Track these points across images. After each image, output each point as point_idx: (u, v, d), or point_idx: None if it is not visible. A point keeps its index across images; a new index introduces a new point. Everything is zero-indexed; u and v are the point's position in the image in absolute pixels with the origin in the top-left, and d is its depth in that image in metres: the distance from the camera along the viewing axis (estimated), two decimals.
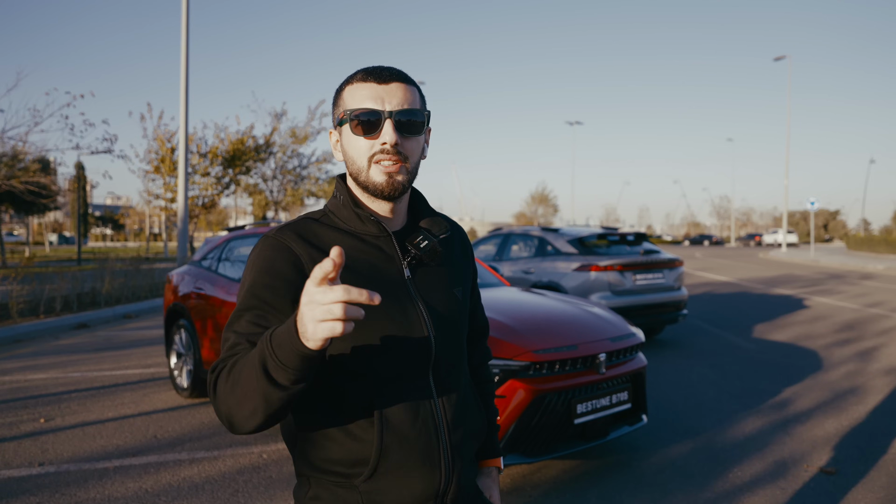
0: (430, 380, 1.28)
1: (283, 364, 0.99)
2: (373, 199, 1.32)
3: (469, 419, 1.37)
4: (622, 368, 3.92)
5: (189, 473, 3.94)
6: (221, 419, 1.12)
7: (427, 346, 1.27)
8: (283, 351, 0.99)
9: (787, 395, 5.74)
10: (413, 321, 1.27)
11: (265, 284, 1.20)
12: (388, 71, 1.28)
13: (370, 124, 1.25)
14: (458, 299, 1.38)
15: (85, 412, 5.20)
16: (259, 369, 1.01)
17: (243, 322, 1.18)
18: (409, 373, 1.26)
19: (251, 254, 1.28)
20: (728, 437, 4.62)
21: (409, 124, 1.27)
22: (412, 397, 1.26)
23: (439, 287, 1.35)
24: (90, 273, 13.84)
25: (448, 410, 1.30)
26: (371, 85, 1.26)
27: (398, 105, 1.25)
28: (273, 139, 23.54)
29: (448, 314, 1.34)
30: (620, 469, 4.03)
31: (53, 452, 4.28)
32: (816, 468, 4.04)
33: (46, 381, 6.24)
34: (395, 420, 1.23)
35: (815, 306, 12.45)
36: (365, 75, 1.27)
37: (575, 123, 65.81)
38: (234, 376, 1.08)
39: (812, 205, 33.10)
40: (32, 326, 9.21)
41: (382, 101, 1.24)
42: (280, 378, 1.01)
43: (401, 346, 1.25)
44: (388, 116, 1.24)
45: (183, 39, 14.16)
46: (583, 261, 8.04)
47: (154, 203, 23.29)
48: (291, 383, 1.02)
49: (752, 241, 71.87)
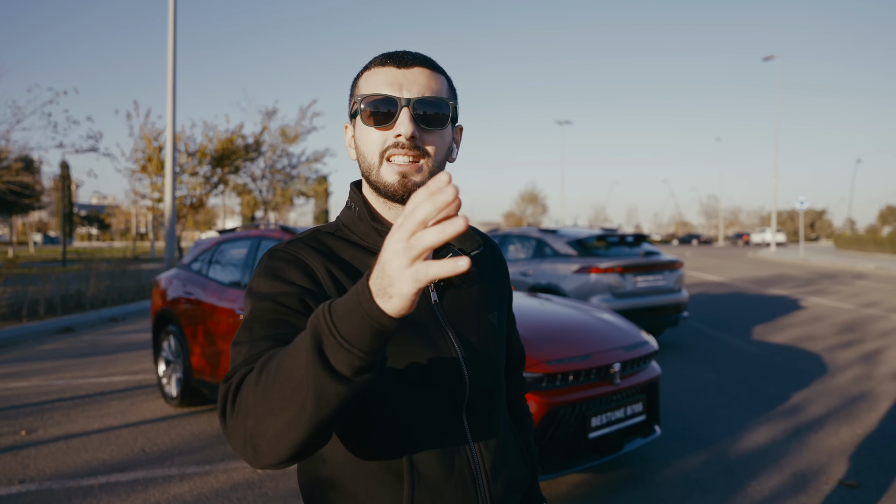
0: (464, 423, 1.09)
1: (347, 342, 0.73)
2: (388, 204, 1.12)
3: (511, 466, 1.18)
4: (636, 378, 3.74)
5: (179, 490, 3.72)
6: (241, 445, 0.82)
7: (460, 384, 1.08)
8: (348, 323, 0.72)
9: (796, 402, 5.60)
10: (443, 354, 1.08)
11: (279, 292, 0.99)
12: (410, 54, 1.10)
13: (384, 114, 1.06)
14: (495, 326, 1.19)
15: (69, 423, 4.96)
16: (312, 351, 0.74)
17: (258, 328, 0.94)
18: (440, 416, 1.07)
19: (255, 270, 1.06)
20: (742, 447, 4.46)
21: (429, 115, 1.07)
22: (445, 445, 1.06)
23: (472, 312, 1.16)
24: (75, 274, 13.53)
25: (486, 458, 1.11)
26: (389, 69, 1.08)
27: (419, 92, 1.06)
28: (263, 138, 23.21)
29: (483, 344, 1.14)
30: (634, 483, 3.85)
31: (35, 468, 4.04)
32: (836, 480, 3.88)
33: (28, 390, 5.98)
34: (428, 474, 1.04)
35: (811, 307, 12.37)
36: (384, 59, 1.09)
37: (564, 123, 65.79)
38: (268, 375, 0.79)
39: (801, 204, 33.19)
40: (15, 331, 8.92)
41: (401, 88, 1.06)
42: (341, 364, 0.74)
43: (430, 385, 1.06)
44: (405, 105, 1.05)
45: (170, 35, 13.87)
46: (582, 263, 7.87)
47: (141, 203, 22.92)
48: (355, 372, 0.75)
49: (740, 241, 72.23)
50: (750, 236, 71.86)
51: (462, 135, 1.20)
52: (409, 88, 1.06)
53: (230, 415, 0.83)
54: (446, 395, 1.07)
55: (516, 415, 1.38)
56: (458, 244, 1.16)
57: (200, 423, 4.98)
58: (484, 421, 1.12)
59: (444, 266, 0.66)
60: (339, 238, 1.14)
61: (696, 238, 74.89)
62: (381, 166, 1.07)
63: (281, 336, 0.92)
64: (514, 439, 1.24)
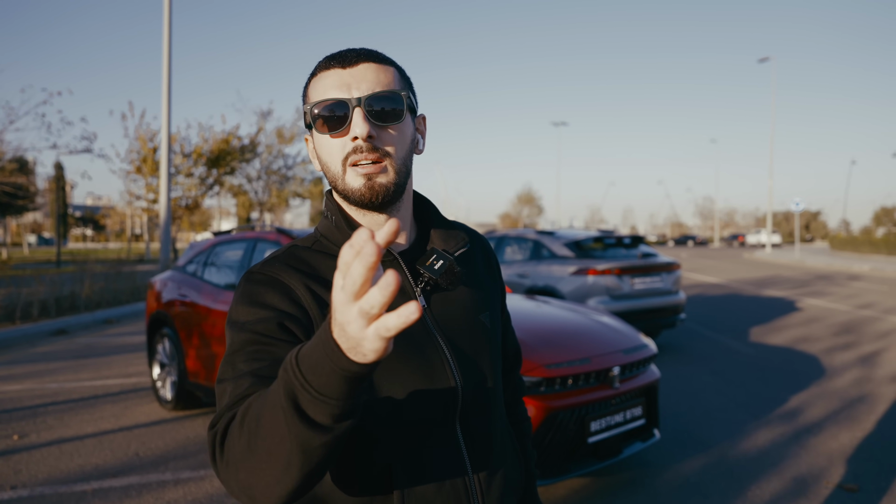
0: (457, 431, 1.06)
1: (321, 395, 0.71)
2: (361, 212, 1.08)
3: (507, 473, 1.15)
4: (636, 382, 3.71)
5: (174, 496, 3.67)
6: (236, 493, 0.81)
7: (452, 391, 1.04)
8: (319, 375, 0.70)
9: (795, 404, 5.57)
10: (434, 362, 1.04)
11: (257, 319, 0.96)
12: (354, 51, 1.04)
13: (336, 119, 1.01)
14: (487, 327, 1.14)
15: (62, 427, 4.91)
16: (288, 408, 0.72)
17: (240, 363, 0.91)
18: (431, 425, 1.03)
19: (234, 296, 1.03)
20: (741, 450, 4.43)
21: (384, 111, 1.02)
22: (437, 455, 1.03)
23: (462, 315, 1.11)
24: (69, 276, 13.44)
25: (481, 466, 1.08)
26: (335, 71, 1.02)
27: (368, 89, 1.01)
28: (258, 139, 23.16)
29: (476, 347, 1.10)
30: (633, 487, 3.82)
31: (27, 473, 3.99)
32: (836, 484, 3.85)
33: (21, 393, 5.92)
34: (418, 486, 1.01)
35: (807, 308, 12.37)
36: (328, 61, 1.04)
37: (560, 124, 65.85)
38: (250, 429, 0.77)
39: (797, 205, 33.25)
40: (8, 333, 8.85)
41: (349, 88, 1.01)
42: (320, 415, 0.72)
43: (421, 394, 1.02)
44: (356, 104, 1.00)
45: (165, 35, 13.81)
46: (579, 264, 7.84)
47: (136, 204, 22.83)
48: (336, 420, 0.73)
49: (736, 242, 72.43)
50: (745, 237, 72.06)
51: (426, 124, 1.16)
52: (358, 86, 1.01)
53: (220, 464, 0.81)
54: (437, 403, 1.03)
55: (514, 419, 1.34)
56: (442, 245, 1.13)
57: (195, 427, 4.93)
58: (478, 427, 1.09)
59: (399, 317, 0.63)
60: (317, 252, 1.10)
61: (692, 239, 75.02)
62: (346, 174, 1.03)
63: (263, 370, 0.89)
64: (510, 444, 1.20)
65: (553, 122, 67.94)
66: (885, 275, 22.46)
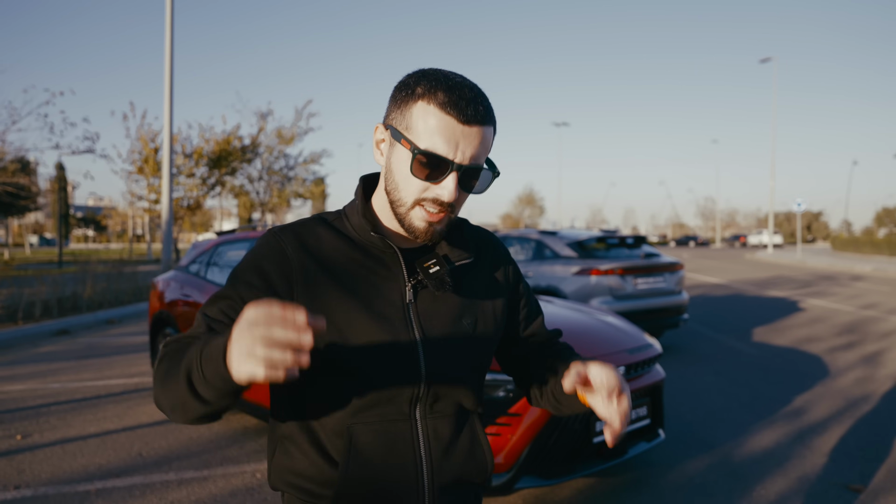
0: (415, 415, 1.17)
1: (206, 379, 0.91)
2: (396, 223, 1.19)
3: (464, 464, 1.22)
4: (641, 382, 3.70)
5: (177, 496, 3.67)
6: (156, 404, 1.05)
7: (414, 379, 1.15)
8: (209, 367, 0.91)
9: (798, 404, 5.56)
10: (403, 346, 1.14)
11: (246, 281, 1.13)
12: (474, 107, 1.07)
13: (434, 170, 1.08)
14: (468, 332, 1.22)
15: (65, 427, 4.90)
16: (184, 375, 0.95)
17: (215, 308, 1.11)
18: (389, 403, 1.15)
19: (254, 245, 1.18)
20: (745, 450, 4.42)
21: (472, 181, 1.12)
22: (392, 430, 1.15)
23: (445, 315, 1.20)
24: (71, 276, 13.45)
25: (435, 451, 1.18)
26: (451, 121, 1.06)
27: (471, 156, 1.08)
28: (259, 140, 23.15)
29: (452, 346, 1.19)
30: (638, 488, 3.80)
31: (31, 473, 3.98)
32: (843, 484, 3.84)
33: (24, 393, 5.92)
34: (367, 449, 1.14)
35: (810, 309, 12.36)
36: (447, 103, 1.06)
37: (561, 125, 65.85)
38: (169, 364, 1.01)
39: (799, 206, 33.23)
40: (10, 333, 8.85)
41: (456, 147, 1.06)
42: (202, 391, 0.93)
43: (383, 374, 1.13)
44: (455, 169, 1.08)
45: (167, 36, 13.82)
46: (583, 264, 7.83)
47: (137, 204, 22.84)
48: (213, 399, 0.94)
49: (737, 242, 72.34)
50: (747, 238, 71.96)
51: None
52: (464, 150, 1.07)
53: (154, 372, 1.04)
54: (398, 387, 1.14)
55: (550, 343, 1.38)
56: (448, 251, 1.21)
57: (198, 428, 4.93)
58: (440, 416, 1.19)
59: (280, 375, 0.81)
60: (333, 228, 1.20)
61: (694, 240, 74.97)
62: (413, 209, 1.12)
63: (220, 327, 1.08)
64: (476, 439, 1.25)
65: (554, 123, 67.95)
66: (887, 275, 22.43)
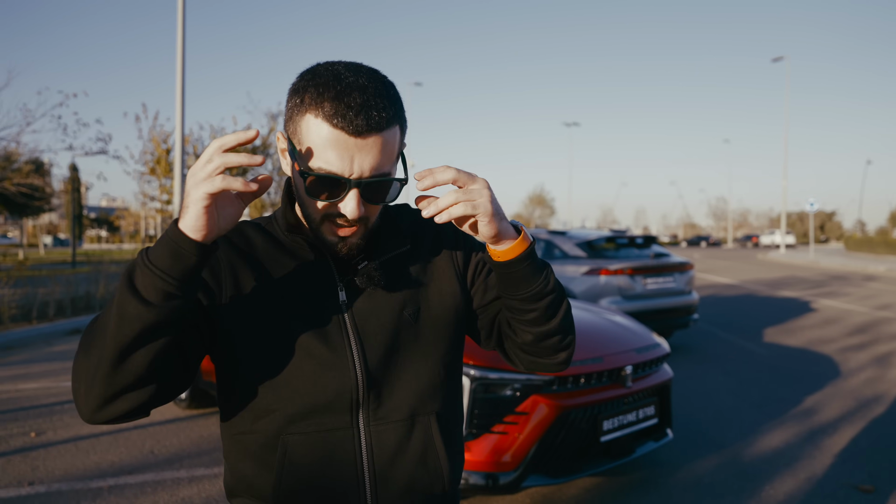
0: (356, 421, 1.09)
1: (152, 265, 0.86)
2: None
3: (414, 472, 1.12)
4: (648, 381, 3.70)
5: (188, 493, 3.71)
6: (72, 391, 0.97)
7: (350, 383, 1.08)
8: (156, 250, 0.86)
9: (809, 405, 5.53)
10: (337, 352, 1.08)
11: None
12: (365, 116, 0.95)
13: (330, 190, 0.99)
14: (409, 323, 1.14)
15: (78, 425, 4.96)
16: (124, 282, 0.87)
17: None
18: (325, 412, 1.08)
19: None
20: (754, 450, 4.41)
21: (377, 193, 1.02)
22: (330, 439, 1.08)
23: (383, 311, 1.13)
24: (84, 276, 13.57)
25: (379, 460, 1.10)
26: (341, 135, 0.95)
27: (370, 167, 0.97)
28: (269, 140, 23.26)
29: (391, 344, 1.12)
30: (646, 487, 3.81)
31: (44, 470, 4.04)
32: (852, 485, 3.82)
33: (38, 391, 5.99)
34: (301, 460, 1.08)
35: (822, 309, 12.27)
36: (334, 114, 0.94)
37: (572, 125, 65.70)
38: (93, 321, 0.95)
39: (811, 206, 32.97)
40: (24, 332, 8.95)
41: (351, 162, 0.96)
42: (148, 289, 0.86)
43: (315, 380, 1.07)
44: (353, 185, 0.98)
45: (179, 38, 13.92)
46: (592, 264, 7.82)
47: (150, 205, 23.00)
48: (159, 297, 0.86)
49: (749, 243, 71.85)
50: (759, 238, 71.46)
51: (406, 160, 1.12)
52: (361, 163, 0.96)
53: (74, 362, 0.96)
54: (333, 393, 1.07)
55: None
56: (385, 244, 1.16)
57: (209, 426, 4.97)
58: (386, 422, 1.11)
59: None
60: (264, 231, 1.16)
61: (705, 240, 74.53)
62: (322, 225, 1.06)
63: None
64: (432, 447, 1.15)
65: (565, 123, 67.79)
66: None
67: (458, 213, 0.95)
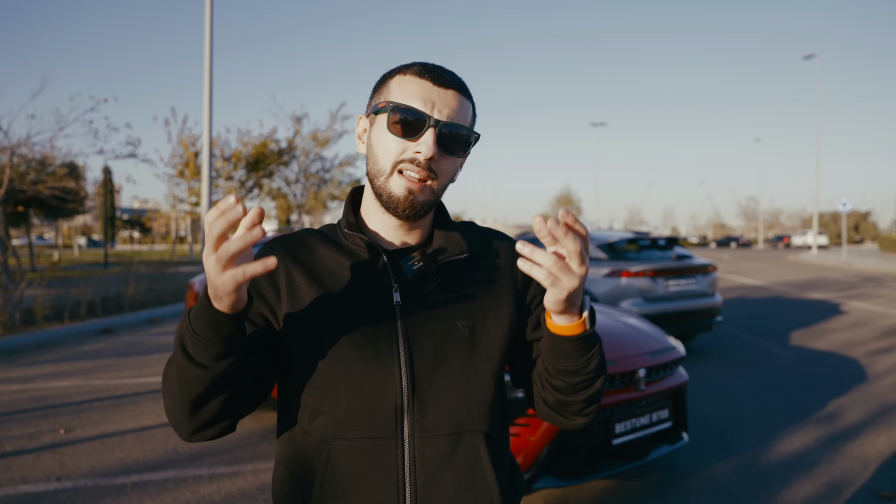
0: (401, 430, 1.07)
1: (197, 335, 0.92)
2: (382, 209, 1.13)
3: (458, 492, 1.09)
4: (662, 385, 3.69)
5: (208, 490, 3.80)
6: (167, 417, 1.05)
7: (395, 387, 1.07)
8: (198, 322, 0.92)
9: (832, 409, 5.45)
10: (384, 354, 1.07)
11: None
12: (448, 74, 1.11)
13: (411, 126, 1.06)
14: (464, 335, 1.12)
15: (105, 423, 5.10)
16: (179, 348, 0.95)
17: None
18: (370, 417, 1.07)
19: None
20: (773, 455, 4.37)
21: (453, 140, 1.09)
22: (373, 448, 1.07)
23: (437, 318, 1.11)
24: (115, 277, 13.89)
25: (421, 475, 1.07)
26: (426, 83, 1.08)
27: (448, 116, 1.08)
28: (295, 143, 23.54)
29: (446, 351, 1.10)
30: (660, 490, 3.80)
31: (72, 466, 4.17)
32: (872, 491, 3.77)
33: (68, 389, 6.17)
34: (344, 467, 1.07)
35: (852, 311, 12.03)
36: (422, 70, 1.10)
37: (599, 125, 65.22)
38: (167, 365, 1.01)
39: (844, 206, 32.28)
40: (57, 332, 9.20)
41: (433, 106, 1.07)
42: (198, 354, 0.93)
43: (362, 383, 1.07)
44: (432, 124, 1.06)
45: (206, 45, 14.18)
46: (613, 266, 7.79)
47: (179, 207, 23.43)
48: (210, 360, 0.93)
49: (781, 243, 70.57)
50: (791, 239, 70.12)
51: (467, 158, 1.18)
52: (441, 109, 1.07)
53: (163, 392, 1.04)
54: (378, 394, 1.07)
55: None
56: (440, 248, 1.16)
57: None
58: (430, 435, 1.08)
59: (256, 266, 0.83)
60: (324, 237, 1.19)
61: (735, 241, 73.40)
62: (392, 176, 1.09)
63: None
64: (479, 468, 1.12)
65: (592, 123, 67.32)
66: None
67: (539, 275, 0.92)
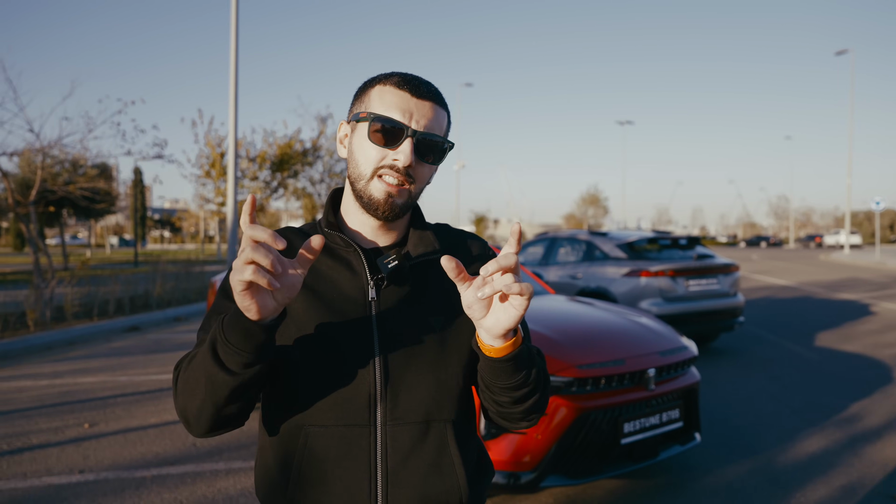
0: (374, 418, 1.13)
1: (229, 343, 0.97)
2: (362, 210, 1.21)
3: (427, 478, 1.15)
4: (673, 384, 3.68)
5: (225, 485, 3.88)
6: (179, 417, 1.10)
7: (369, 377, 1.14)
8: (231, 331, 0.97)
9: (853, 412, 5.36)
10: (361, 346, 1.14)
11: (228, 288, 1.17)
12: (426, 86, 1.18)
13: (391, 135, 1.14)
14: (436, 330, 1.18)
15: (128, 418, 5.23)
16: (209, 352, 1.00)
17: (211, 322, 1.17)
18: (345, 405, 1.14)
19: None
20: (789, 457, 4.32)
21: (429, 148, 1.17)
22: (348, 434, 1.14)
23: (410, 313, 1.18)
24: (143, 276, 14.18)
25: (392, 460, 1.13)
26: (404, 94, 1.16)
27: (425, 126, 1.16)
28: (320, 143, 23.75)
29: (414, 345, 1.16)
30: (672, 491, 3.78)
31: (94, 459, 4.29)
32: (889, 495, 3.71)
33: (95, 385, 6.33)
34: (319, 453, 1.14)
35: (882, 313, 11.78)
36: (401, 82, 1.17)
37: (625, 123, 64.64)
38: (188, 368, 1.07)
39: (878, 204, 31.57)
40: (86, 329, 9.43)
41: (410, 116, 1.15)
42: (228, 361, 0.99)
43: (339, 373, 1.14)
44: (410, 135, 1.14)
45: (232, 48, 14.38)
46: (633, 266, 7.75)
47: (206, 207, 23.80)
48: (240, 367, 0.99)
49: (812, 243, 69.21)
50: (823, 238, 68.72)
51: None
52: (418, 120, 1.15)
53: (173, 392, 1.11)
54: (354, 384, 1.13)
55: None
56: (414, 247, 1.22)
57: (249, 421, 5.15)
58: (402, 423, 1.14)
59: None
60: (305, 235, 1.25)
61: (765, 240, 72.19)
62: (372, 180, 1.16)
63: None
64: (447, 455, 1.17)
65: (618, 122, 66.77)
66: None
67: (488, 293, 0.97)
